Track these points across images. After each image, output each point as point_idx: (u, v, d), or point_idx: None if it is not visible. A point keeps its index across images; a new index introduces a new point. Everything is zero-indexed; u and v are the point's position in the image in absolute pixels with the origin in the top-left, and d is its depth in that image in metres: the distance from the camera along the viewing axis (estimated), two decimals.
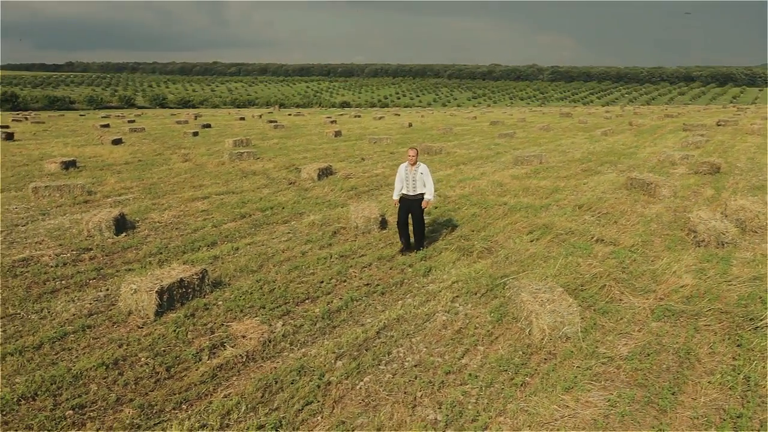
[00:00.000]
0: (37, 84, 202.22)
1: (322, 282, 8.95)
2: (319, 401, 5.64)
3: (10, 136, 30.68)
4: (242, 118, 61.10)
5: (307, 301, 8.25)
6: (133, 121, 51.71)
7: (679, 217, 12.79)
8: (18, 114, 73.32)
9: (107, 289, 8.62)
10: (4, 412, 5.36)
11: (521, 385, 5.97)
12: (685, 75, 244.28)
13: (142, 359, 6.45)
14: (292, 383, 5.95)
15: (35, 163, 21.27)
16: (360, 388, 5.91)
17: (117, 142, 28.71)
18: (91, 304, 8.06)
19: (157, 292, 7.55)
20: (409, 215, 10.48)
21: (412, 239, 10.66)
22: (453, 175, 18.61)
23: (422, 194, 10.30)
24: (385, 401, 5.65)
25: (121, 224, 11.80)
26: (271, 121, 50.86)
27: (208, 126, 44.60)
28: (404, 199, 10.40)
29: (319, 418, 5.39)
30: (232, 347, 6.74)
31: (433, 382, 5.99)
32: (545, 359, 6.50)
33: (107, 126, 43.79)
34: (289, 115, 77.69)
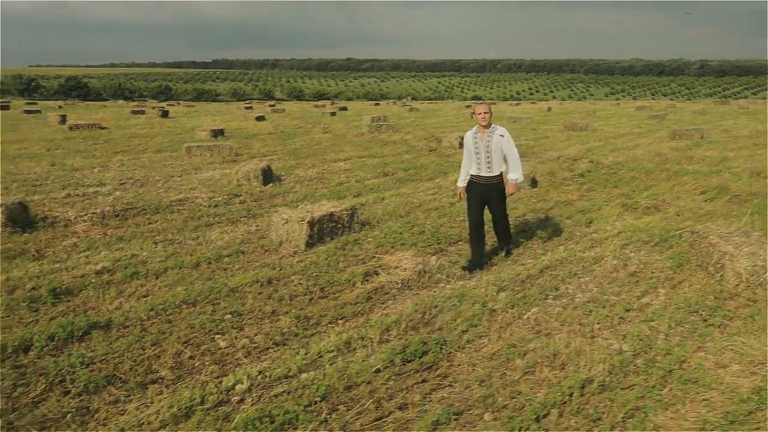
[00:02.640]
0: (187, 80, 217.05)
1: None
2: (484, 325, 5.13)
3: (165, 114, 32.88)
4: (377, 104, 61.94)
5: (460, 242, 7.77)
6: (273, 105, 53.80)
7: None
8: (171, 102, 79.22)
9: (257, 226, 8.63)
10: (168, 313, 5.34)
11: (719, 326, 5.13)
12: None
13: (295, 281, 6.27)
14: (453, 307, 5.49)
15: (187, 132, 22.39)
16: (528, 317, 5.34)
17: (260, 118, 29.77)
18: (243, 235, 8.08)
19: (308, 222, 7.37)
20: (485, 207, 6.81)
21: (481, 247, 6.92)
22: (604, 146, 17.37)
23: (500, 175, 6.68)
24: (558, 330, 5.04)
25: (268, 175, 11.92)
26: (405, 105, 51.04)
27: (345, 109, 45.46)
28: (474, 184, 6.73)
29: (485, 340, 4.88)
30: (387, 274, 6.39)
31: (611, 317, 5.30)
32: (744, 305, 5.59)
33: (250, 108, 45.81)
34: (423, 103, 77.77)
